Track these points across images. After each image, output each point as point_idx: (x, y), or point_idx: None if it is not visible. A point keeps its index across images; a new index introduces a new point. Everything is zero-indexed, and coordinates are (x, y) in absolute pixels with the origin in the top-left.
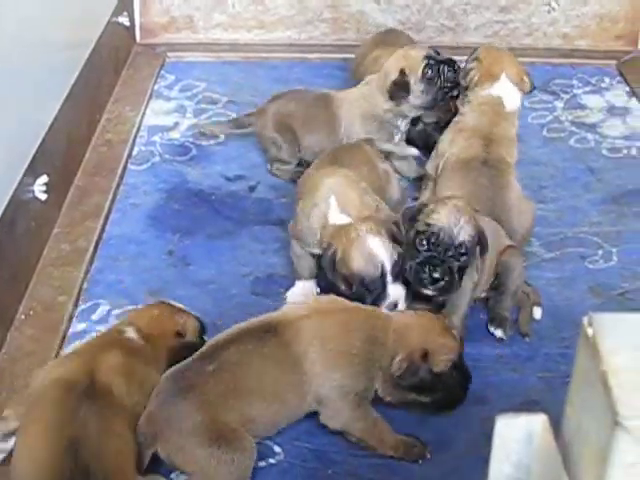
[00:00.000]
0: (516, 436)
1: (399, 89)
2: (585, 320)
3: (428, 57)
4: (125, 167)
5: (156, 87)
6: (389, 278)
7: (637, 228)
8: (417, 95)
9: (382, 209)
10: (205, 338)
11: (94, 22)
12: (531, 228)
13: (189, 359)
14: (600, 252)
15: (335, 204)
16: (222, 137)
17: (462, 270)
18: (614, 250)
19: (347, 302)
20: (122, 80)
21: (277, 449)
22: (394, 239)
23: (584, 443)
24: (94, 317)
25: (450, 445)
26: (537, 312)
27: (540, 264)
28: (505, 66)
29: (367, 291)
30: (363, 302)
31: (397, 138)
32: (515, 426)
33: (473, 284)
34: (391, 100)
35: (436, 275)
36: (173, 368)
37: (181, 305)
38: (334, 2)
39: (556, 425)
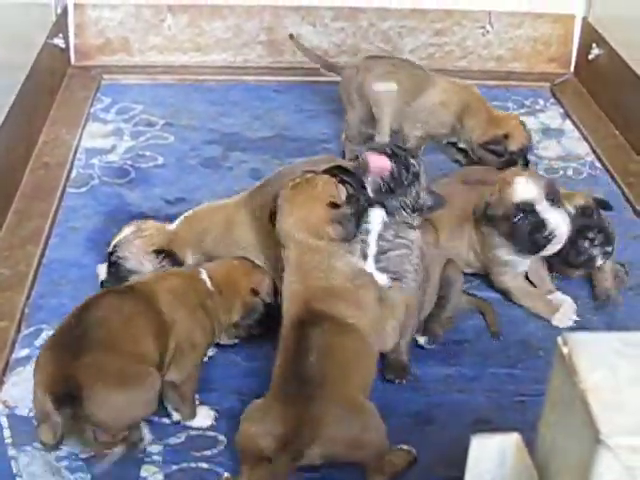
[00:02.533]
0: (489, 456)
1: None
2: (560, 339)
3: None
4: (64, 190)
5: (92, 110)
6: None
7: None
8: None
9: None
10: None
11: (30, 44)
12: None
13: (281, 372)
14: None
15: None
16: (161, 160)
17: None
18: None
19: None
20: (58, 103)
21: (227, 475)
22: None
23: (562, 461)
24: (37, 342)
25: None
26: None
27: (483, 285)
28: None
29: None
30: None
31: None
32: (488, 446)
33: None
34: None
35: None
36: (277, 384)
37: (260, 263)
38: (270, 25)
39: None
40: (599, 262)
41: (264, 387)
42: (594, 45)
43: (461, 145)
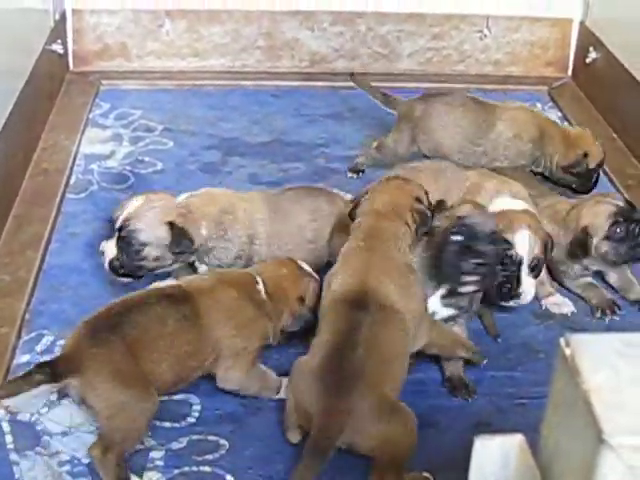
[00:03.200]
0: (493, 457)
1: (578, 250)
2: (562, 341)
3: (616, 214)
4: (63, 196)
5: (91, 115)
6: None
7: None
8: (600, 255)
9: None
10: None
11: (29, 50)
12: None
13: (325, 352)
14: None
15: None
16: (160, 166)
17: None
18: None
19: None
20: (56, 109)
21: (230, 478)
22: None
23: (565, 462)
24: (38, 348)
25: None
26: None
27: None
28: None
29: None
30: None
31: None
32: (492, 447)
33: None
34: (570, 256)
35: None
36: (320, 366)
37: (306, 265)
38: (268, 29)
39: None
40: None
41: None
42: (591, 49)
43: (538, 170)
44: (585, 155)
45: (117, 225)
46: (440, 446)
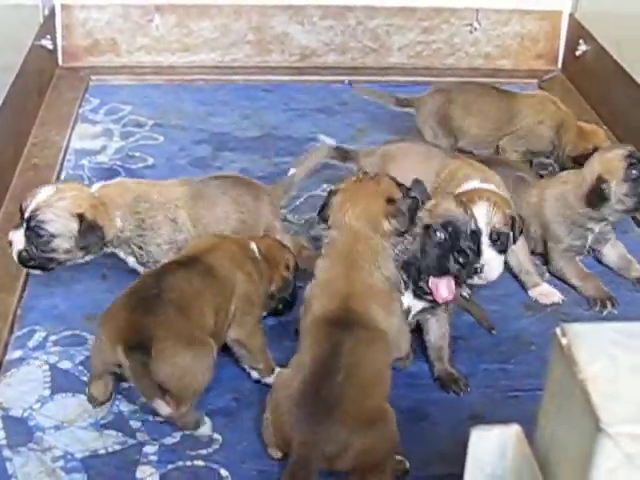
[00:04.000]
0: (490, 448)
1: (597, 198)
2: (558, 330)
3: (629, 156)
4: None
5: (81, 111)
6: None
7: None
8: (619, 200)
9: None
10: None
11: (18, 46)
12: None
13: (306, 375)
14: None
15: None
16: (151, 161)
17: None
18: (545, 267)
19: None
20: (46, 104)
21: (224, 472)
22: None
23: (562, 451)
24: (30, 344)
25: None
26: None
27: None
28: None
29: None
30: None
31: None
32: (488, 438)
33: None
34: (590, 207)
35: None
36: (298, 391)
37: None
38: (258, 24)
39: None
40: None
41: (257, 387)
42: (581, 41)
43: (548, 161)
44: (595, 149)
45: (26, 215)
46: (433, 439)
